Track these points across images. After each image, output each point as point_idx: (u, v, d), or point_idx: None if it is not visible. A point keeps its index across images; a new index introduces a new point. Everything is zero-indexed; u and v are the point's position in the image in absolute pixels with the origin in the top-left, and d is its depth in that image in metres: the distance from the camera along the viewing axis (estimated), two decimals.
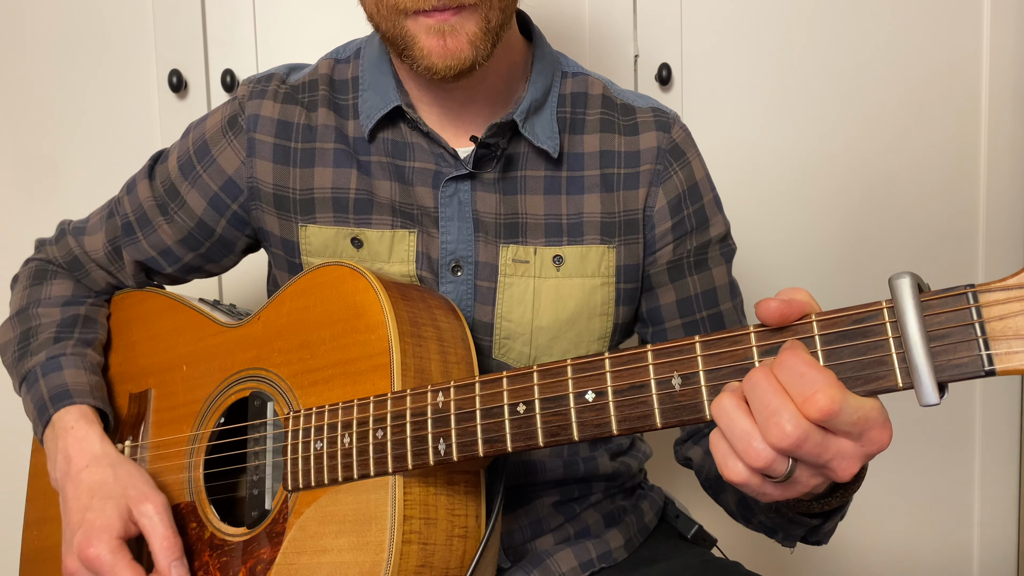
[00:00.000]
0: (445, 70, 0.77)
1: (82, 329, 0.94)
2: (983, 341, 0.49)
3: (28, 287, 0.98)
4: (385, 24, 0.78)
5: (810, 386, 0.50)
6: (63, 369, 0.89)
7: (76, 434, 0.85)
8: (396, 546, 0.69)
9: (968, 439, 1.48)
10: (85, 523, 0.79)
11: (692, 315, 0.90)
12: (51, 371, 0.89)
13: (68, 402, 0.87)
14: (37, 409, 0.89)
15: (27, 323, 0.95)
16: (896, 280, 0.50)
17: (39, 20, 1.37)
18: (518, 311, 0.86)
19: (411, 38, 0.77)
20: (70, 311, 0.96)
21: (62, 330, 0.93)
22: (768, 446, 0.52)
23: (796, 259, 1.43)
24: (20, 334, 0.94)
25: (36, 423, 0.89)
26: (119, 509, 0.80)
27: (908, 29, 1.40)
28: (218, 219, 0.92)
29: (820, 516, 0.71)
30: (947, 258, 1.45)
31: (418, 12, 0.75)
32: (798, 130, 1.41)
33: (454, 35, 0.76)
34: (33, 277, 0.99)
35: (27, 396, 0.90)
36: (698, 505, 1.04)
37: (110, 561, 0.77)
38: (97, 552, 0.77)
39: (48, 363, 0.90)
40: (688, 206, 0.89)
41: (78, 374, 0.90)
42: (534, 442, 0.64)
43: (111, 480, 0.82)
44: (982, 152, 1.44)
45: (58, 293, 0.97)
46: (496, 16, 0.77)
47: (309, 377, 0.78)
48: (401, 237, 0.87)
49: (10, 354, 0.95)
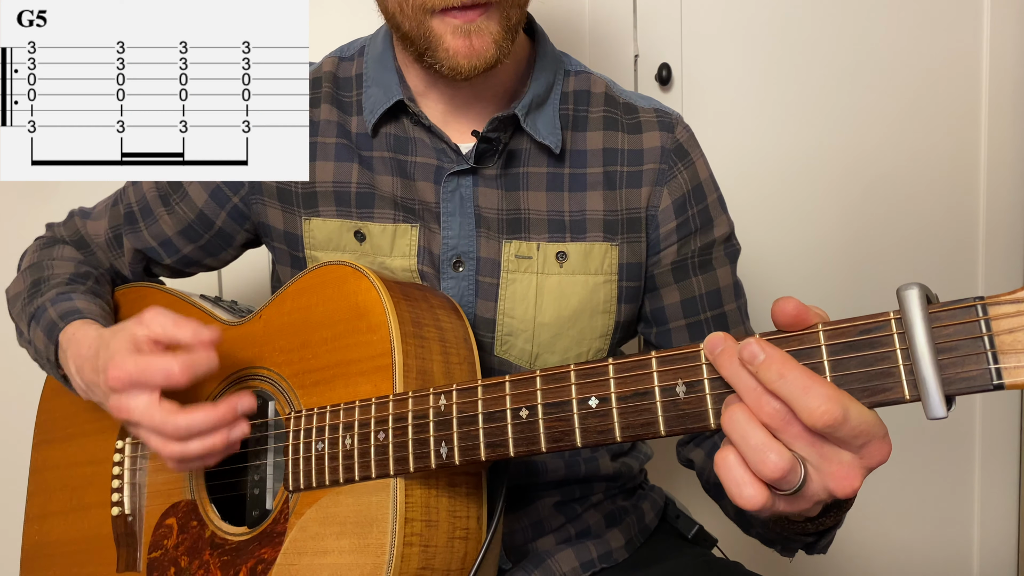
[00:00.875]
0: (471, 70, 0.77)
1: (94, 285, 0.94)
2: (992, 355, 0.48)
3: (38, 251, 0.99)
4: (409, 24, 0.77)
5: (814, 397, 0.50)
6: (73, 300, 0.88)
7: (78, 335, 0.83)
8: (397, 548, 0.68)
9: (968, 440, 1.48)
10: (100, 368, 0.76)
11: (696, 315, 0.90)
12: (61, 301, 0.88)
13: (76, 317, 0.85)
14: (47, 331, 0.86)
15: (39, 272, 0.94)
16: (904, 291, 0.50)
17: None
18: (521, 307, 0.86)
19: (437, 38, 0.76)
20: (83, 268, 0.96)
21: (74, 279, 0.93)
22: (787, 453, 0.51)
23: (796, 258, 1.43)
24: (32, 283, 0.93)
25: (48, 347, 0.86)
26: (123, 337, 0.77)
27: (908, 29, 1.39)
28: (218, 212, 0.92)
29: (815, 535, 0.71)
30: (947, 257, 1.45)
31: (445, 11, 0.75)
32: (798, 130, 1.40)
33: (480, 35, 0.76)
34: (43, 246, 1.00)
35: (36, 329, 0.88)
36: (699, 505, 1.04)
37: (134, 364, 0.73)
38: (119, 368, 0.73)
39: (58, 296, 0.88)
40: (693, 206, 0.88)
41: (88, 303, 0.89)
42: (537, 447, 0.63)
43: (108, 333, 0.80)
44: (982, 151, 1.43)
45: (70, 255, 0.98)
46: (516, 14, 0.78)
47: (311, 377, 0.78)
48: (403, 231, 0.86)
49: (19, 303, 0.93)
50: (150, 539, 0.86)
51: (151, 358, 0.73)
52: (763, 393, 0.51)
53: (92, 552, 0.91)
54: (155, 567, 0.85)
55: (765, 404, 0.51)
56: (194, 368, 0.73)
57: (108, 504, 0.91)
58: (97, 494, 0.92)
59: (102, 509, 0.91)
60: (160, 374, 0.73)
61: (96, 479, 0.93)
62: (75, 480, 0.95)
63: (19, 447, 1.06)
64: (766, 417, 0.51)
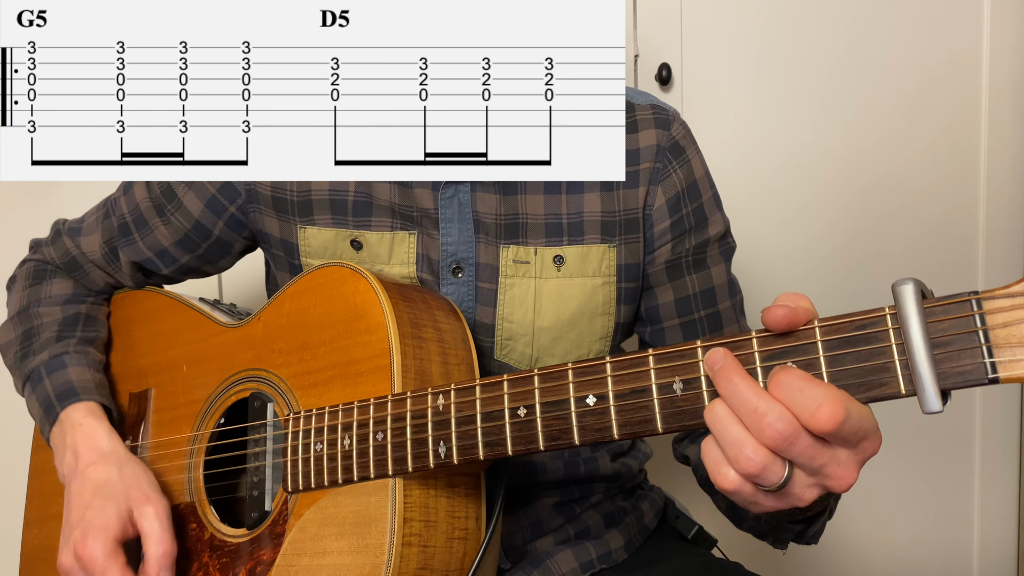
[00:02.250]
0: None
1: (84, 328, 0.94)
2: (986, 349, 0.48)
3: (27, 287, 0.98)
4: None
5: (813, 399, 0.50)
6: (67, 367, 0.89)
7: (84, 431, 0.85)
8: (396, 548, 0.68)
9: (968, 440, 1.48)
10: (84, 521, 0.79)
11: (690, 314, 0.90)
12: (55, 369, 0.89)
13: (74, 399, 0.87)
14: (44, 408, 0.88)
15: (28, 323, 0.95)
16: (900, 286, 0.50)
17: None
18: (519, 312, 0.86)
19: None
20: (71, 309, 0.95)
21: (64, 329, 0.93)
22: (761, 451, 0.51)
23: (796, 258, 1.43)
24: (22, 334, 0.94)
25: (43, 422, 0.89)
26: (119, 510, 0.80)
27: (908, 28, 1.40)
28: (215, 221, 0.92)
29: (803, 522, 0.71)
30: (947, 256, 1.45)
31: None
32: (798, 129, 1.40)
33: None
34: (32, 277, 0.99)
35: (31, 396, 0.90)
36: (698, 506, 1.04)
37: (102, 563, 0.77)
38: (91, 552, 0.77)
39: (52, 362, 0.90)
40: (687, 204, 0.88)
41: (82, 372, 0.90)
42: (535, 446, 0.63)
43: (115, 479, 0.82)
44: (982, 150, 1.44)
45: (58, 292, 0.97)
46: None
47: (309, 378, 0.78)
48: (401, 239, 0.86)
49: (12, 354, 0.95)
50: None
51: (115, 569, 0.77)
52: (762, 417, 0.52)
53: None
54: None
55: (766, 428, 0.51)
56: None
57: None
58: None
59: None
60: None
61: None
62: None
63: (18, 451, 1.06)
64: (768, 442, 0.52)
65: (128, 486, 0.81)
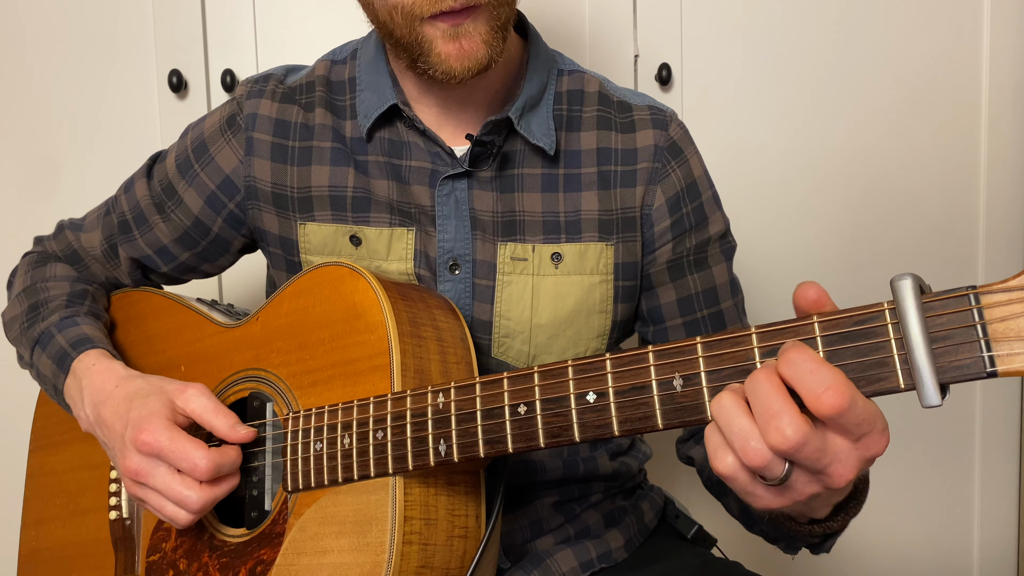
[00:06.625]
0: (464, 72, 0.77)
1: (91, 303, 0.94)
2: (985, 343, 0.49)
3: (31, 271, 0.98)
4: (400, 31, 0.78)
5: (821, 382, 0.50)
6: (80, 325, 0.89)
7: (99, 368, 0.84)
8: (397, 547, 0.68)
9: (968, 439, 1.49)
10: (131, 421, 0.77)
11: (693, 314, 0.90)
12: (67, 327, 0.88)
13: (89, 346, 0.86)
14: (57, 360, 0.87)
15: (35, 296, 0.94)
16: (898, 281, 0.50)
17: (39, 21, 1.36)
18: (517, 309, 0.86)
19: (428, 43, 0.77)
20: (79, 286, 0.95)
21: (72, 300, 0.93)
22: (767, 447, 0.51)
23: (796, 257, 1.43)
24: (28, 307, 0.93)
25: (56, 376, 0.87)
26: (163, 401, 0.78)
27: (908, 28, 1.40)
28: (215, 218, 0.92)
29: (821, 536, 0.71)
30: (947, 255, 1.45)
31: (434, 16, 0.75)
32: (798, 129, 1.41)
33: (469, 37, 0.76)
34: (34, 264, 0.99)
35: (41, 356, 0.89)
36: (698, 505, 1.04)
37: (168, 438, 0.75)
38: (154, 436, 0.75)
39: (63, 322, 0.89)
40: (687, 204, 0.89)
41: (95, 330, 0.89)
42: (535, 443, 0.63)
43: (144, 385, 0.81)
44: (982, 150, 1.44)
45: (63, 273, 0.97)
46: (504, 12, 0.78)
47: (308, 378, 0.78)
48: (399, 235, 0.87)
49: (17, 327, 0.93)
50: (148, 542, 0.86)
51: (185, 442, 0.75)
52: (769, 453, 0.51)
53: (90, 557, 0.91)
54: (154, 570, 0.85)
55: (773, 430, 0.51)
56: (218, 471, 0.75)
57: (105, 508, 0.91)
58: (94, 499, 0.92)
59: (99, 513, 0.91)
60: (187, 462, 0.74)
61: (93, 484, 0.92)
62: (72, 485, 0.95)
63: (15, 453, 1.06)
64: (772, 444, 0.51)
65: (161, 383, 0.80)
